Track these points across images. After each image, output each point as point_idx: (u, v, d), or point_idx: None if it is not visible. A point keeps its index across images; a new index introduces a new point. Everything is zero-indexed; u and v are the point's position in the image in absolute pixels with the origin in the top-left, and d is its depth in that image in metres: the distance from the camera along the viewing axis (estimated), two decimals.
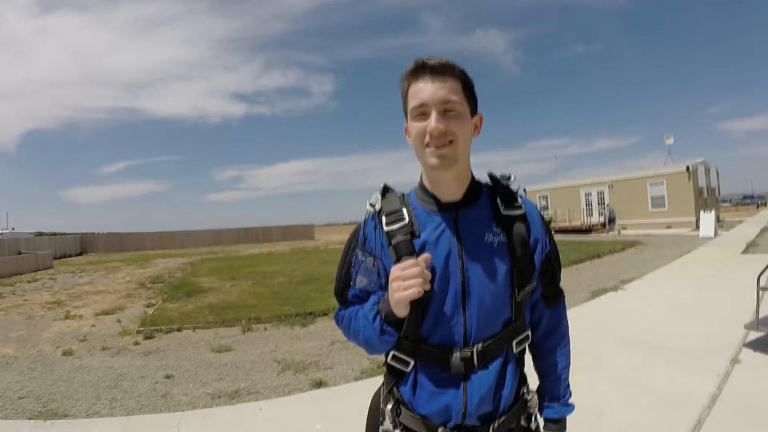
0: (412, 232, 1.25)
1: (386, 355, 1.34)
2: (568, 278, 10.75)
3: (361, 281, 1.33)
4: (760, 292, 5.10)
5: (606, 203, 31.96)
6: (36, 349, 7.02)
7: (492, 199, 1.31)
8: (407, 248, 1.22)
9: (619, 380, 4.34)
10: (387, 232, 1.27)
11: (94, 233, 47.09)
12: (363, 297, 1.36)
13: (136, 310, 10.20)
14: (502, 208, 1.28)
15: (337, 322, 1.45)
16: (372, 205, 1.34)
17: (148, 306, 10.62)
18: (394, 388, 1.33)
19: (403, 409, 1.31)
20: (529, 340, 1.35)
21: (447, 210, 1.28)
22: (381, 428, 1.34)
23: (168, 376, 5.37)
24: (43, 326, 8.78)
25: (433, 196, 1.30)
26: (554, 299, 1.41)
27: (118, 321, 8.91)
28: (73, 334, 8.01)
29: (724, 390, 4.02)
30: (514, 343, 1.28)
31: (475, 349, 1.22)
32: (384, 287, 1.27)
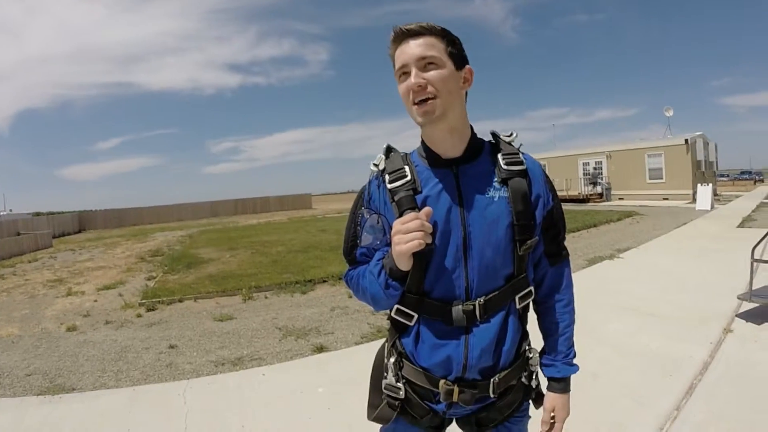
0: (414, 189, 1.27)
1: (390, 309, 1.36)
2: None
3: (366, 239, 1.34)
4: (754, 264, 5.13)
5: (592, 173, 31.94)
6: (40, 326, 7.09)
7: (493, 155, 1.32)
8: (409, 203, 1.25)
9: (613, 345, 4.41)
10: (390, 190, 1.30)
11: (92, 210, 46.94)
12: (370, 255, 1.38)
13: (137, 283, 10.26)
14: (503, 164, 1.29)
15: (347, 282, 1.46)
16: (376, 165, 1.37)
17: (148, 279, 10.68)
18: (397, 342, 1.37)
19: (405, 362, 1.34)
20: (533, 296, 1.36)
21: (448, 166, 1.29)
22: (384, 381, 1.38)
23: (172, 347, 5.44)
24: (46, 304, 8.84)
25: (433, 153, 1.31)
26: (557, 257, 1.41)
27: (120, 295, 8.97)
28: (76, 310, 8.07)
29: (716, 357, 4.09)
30: (516, 298, 1.30)
31: (477, 302, 1.24)
32: (389, 244, 1.28)
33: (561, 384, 1.42)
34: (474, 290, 1.25)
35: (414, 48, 1.19)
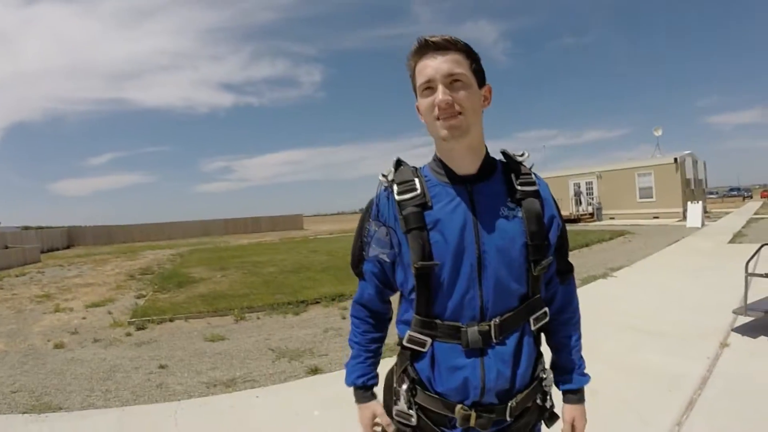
0: (423, 204, 1.25)
1: (401, 338, 1.33)
2: None
3: (374, 250, 1.33)
4: (748, 278, 5.16)
5: (576, 191, 32.32)
6: (27, 342, 6.91)
7: (506, 174, 1.31)
8: (417, 221, 1.23)
9: (611, 362, 4.37)
10: (398, 202, 1.28)
11: (81, 226, 46.60)
12: (378, 274, 1.39)
13: (126, 301, 10.08)
14: (516, 184, 1.28)
15: (351, 315, 1.51)
16: (385, 176, 1.35)
17: (138, 297, 10.50)
18: (409, 368, 1.32)
19: (419, 389, 1.30)
20: (547, 317, 1.34)
21: (462, 183, 1.28)
22: (395, 408, 1.35)
23: (162, 366, 5.32)
24: (33, 320, 8.64)
25: (447, 169, 1.30)
26: (567, 274, 1.43)
27: (109, 313, 8.79)
28: (64, 326, 7.89)
29: (714, 372, 4.09)
30: (531, 319, 1.28)
31: (492, 323, 1.22)
32: (397, 258, 1.30)
33: (577, 395, 1.44)
34: (489, 311, 1.23)
35: (441, 63, 1.19)
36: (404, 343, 1.31)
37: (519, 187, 1.28)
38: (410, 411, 1.31)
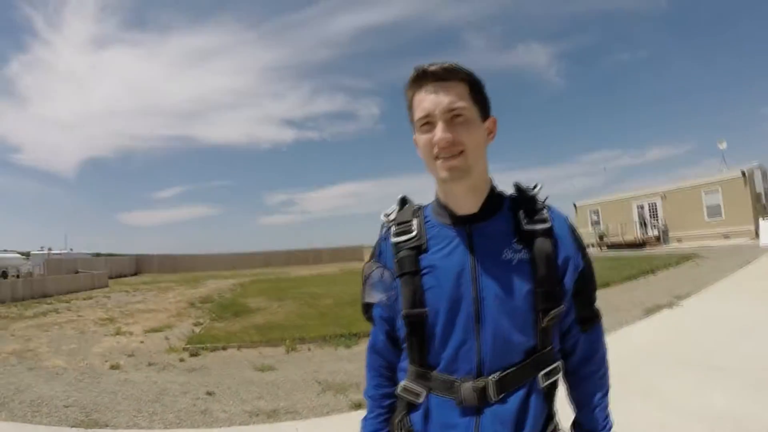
0: (418, 247, 1.20)
1: (397, 385, 1.29)
2: (620, 296, 10.39)
3: (373, 296, 1.28)
4: None
5: (639, 213, 30.78)
6: (85, 362, 7.36)
7: (515, 211, 1.21)
8: (411, 265, 1.18)
9: (672, 405, 4.06)
10: (394, 244, 1.24)
11: (148, 254, 49.13)
12: (388, 319, 1.31)
13: (184, 328, 10.53)
14: (524, 222, 1.18)
15: (366, 364, 1.44)
16: (386, 216, 1.31)
17: (195, 325, 10.96)
18: (405, 418, 1.25)
19: None
20: (560, 372, 1.22)
21: (462, 224, 1.20)
22: None
23: (209, 393, 5.49)
24: (94, 341, 9.22)
25: (447, 209, 1.23)
26: (590, 322, 1.29)
27: (166, 338, 9.23)
28: (122, 349, 8.35)
29: None
30: (540, 375, 1.15)
31: (490, 379, 1.11)
32: (395, 301, 1.22)
33: None
34: (487, 365, 1.12)
35: (441, 98, 1.11)
36: (398, 392, 1.25)
37: (527, 226, 1.18)
38: None
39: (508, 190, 1.29)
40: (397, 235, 1.25)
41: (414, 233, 1.22)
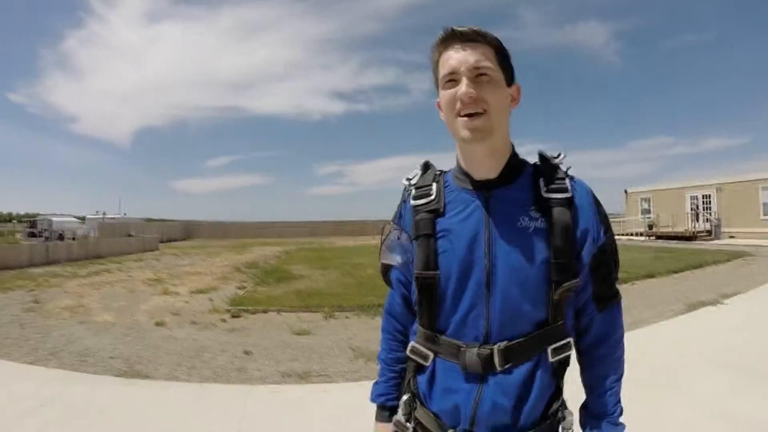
0: (436, 210, 1.21)
1: (406, 346, 1.30)
2: (664, 288, 10.15)
3: (395, 259, 1.28)
4: None
5: (700, 207, 29.42)
6: (132, 318, 7.80)
7: (536, 179, 1.19)
8: (427, 228, 1.19)
9: (701, 406, 3.92)
10: (413, 206, 1.25)
11: (199, 221, 50.95)
12: (405, 282, 1.32)
13: (228, 291, 10.93)
14: (543, 190, 1.16)
15: (382, 328, 1.45)
16: (408, 180, 1.32)
17: (239, 288, 11.36)
18: (412, 380, 1.27)
19: (418, 403, 1.25)
20: (572, 349, 1.19)
21: (480, 188, 1.19)
22: (394, 417, 1.31)
23: (246, 353, 5.72)
24: (142, 299, 9.74)
25: (467, 174, 1.23)
26: (608, 301, 1.25)
27: (210, 300, 9.64)
28: (168, 308, 8.79)
29: None
30: (549, 349, 1.14)
31: (496, 347, 1.11)
32: (410, 263, 1.24)
33: None
34: (494, 333, 1.12)
35: (468, 56, 1.10)
36: (407, 353, 1.27)
37: (546, 194, 1.16)
38: (407, 424, 1.26)
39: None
40: (416, 198, 1.25)
41: (432, 197, 1.23)
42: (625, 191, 36.45)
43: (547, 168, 1.21)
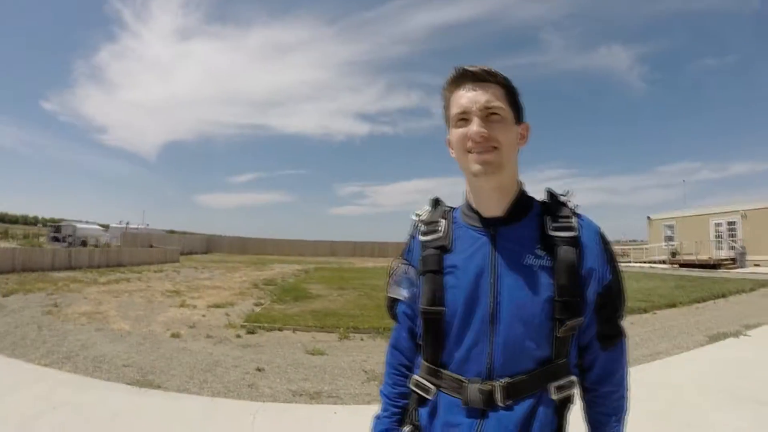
0: (443, 246, 1.23)
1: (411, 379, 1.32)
2: (685, 318, 9.93)
3: (402, 294, 1.31)
4: None
5: (725, 234, 28.70)
6: (149, 328, 7.87)
7: (542, 217, 1.22)
8: (434, 264, 1.21)
9: None
10: (422, 242, 1.27)
11: (220, 235, 51.50)
12: (411, 316, 1.33)
13: (245, 307, 10.98)
14: (549, 229, 1.19)
15: (386, 361, 1.44)
16: (418, 215, 1.35)
17: (256, 305, 11.40)
18: (414, 412, 1.27)
19: None
20: (575, 387, 1.20)
21: (487, 226, 1.22)
22: None
23: (259, 369, 5.71)
24: (159, 310, 9.83)
25: (475, 211, 1.25)
26: (612, 340, 1.25)
27: (227, 315, 9.68)
28: (184, 320, 8.85)
29: None
30: (552, 387, 1.14)
31: (498, 383, 1.12)
32: (417, 298, 1.25)
33: None
34: (496, 370, 1.13)
35: (479, 95, 1.14)
36: (410, 386, 1.28)
37: (552, 232, 1.18)
38: None
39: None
40: (425, 234, 1.28)
41: (441, 233, 1.25)
42: (648, 218, 36.00)
43: (554, 206, 1.23)
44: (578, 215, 1.23)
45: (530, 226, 1.20)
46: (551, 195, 1.27)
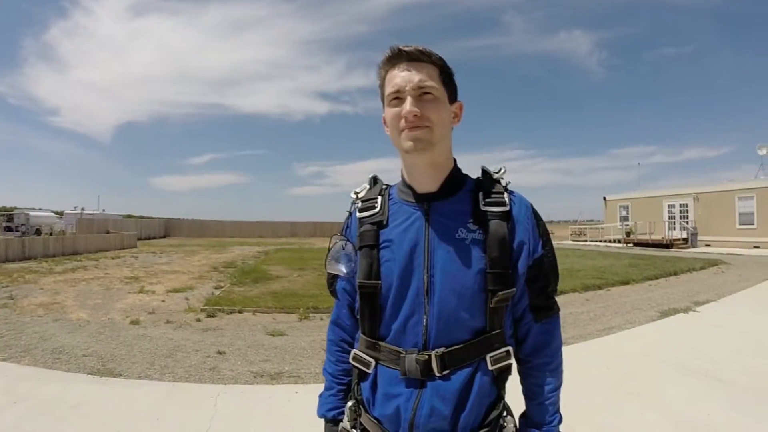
0: (380, 222, 1.27)
1: (349, 354, 1.35)
2: (638, 295, 10.41)
3: (341, 269, 1.31)
4: None
5: (678, 216, 30.11)
6: (107, 316, 7.83)
7: (476, 193, 1.26)
8: (370, 239, 1.26)
9: (668, 413, 4.03)
10: (359, 218, 1.32)
11: (178, 218, 50.54)
12: (351, 292, 1.37)
13: (204, 290, 10.98)
14: (482, 204, 1.23)
15: (327, 338, 1.49)
16: (356, 193, 1.39)
17: (216, 288, 11.40)
18: (356, 387, 1.32)
19: (362, 409, 1.29)
20: (512, 358, 1.24)
21: (421, 201, 1.26)
22: (340, 425, 1.35)
23: (220, 352, 5.81)
24: (118, 298, 9.74)
25: (410, 187, 1.29)
26: (544, 312, 1.30)
27: (186, 299, 9.68)
28: (143, 307, 8.81)
29: None
30: (488, 357, 1.19)
31: (434, 353, 1.15)
32: (354, 274, 1.29)
33: None
34: (432, 340, 1.17)
35: (413, 75, 1.17)
36: (350, 360, 1.32)
37: (484, 207, 1.22)
38: (353, 430, 1.31)
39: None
40: (362, 210, 1.32)
41: (377, 209, 1.30)
42: (604, 198, 37.01)
43: (488, 182, 1.28)
44: (510, 192, 1.28)
45: (463, 201, 1.25)
46: (485, 172, 1.32)
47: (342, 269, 1.31)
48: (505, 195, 1.26)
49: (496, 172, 1.31)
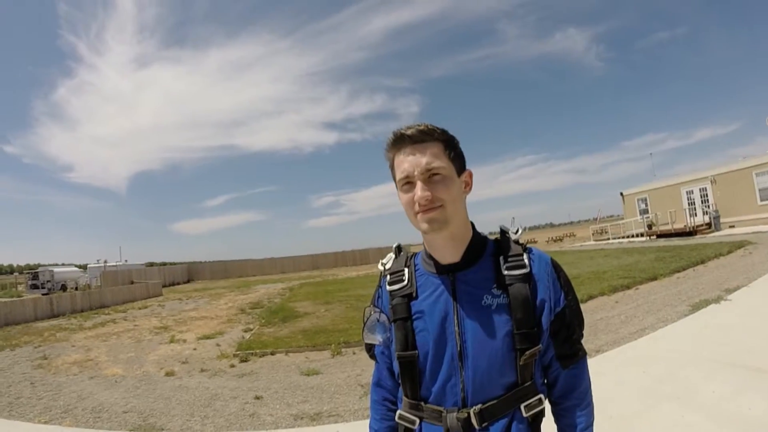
0: (410, 294, 1.35)
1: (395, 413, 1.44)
2: (667, 290, 10.20)
3: (377, 339, 1.40)
4: None
5: (697, 201, 29.59)
6: (142, 369, 7.88)
7: (497, 257, 1.34)
8: (403, 311, 1.34)
9: (709, 411, 3.90)
10: (389, 292, 1.40)
11: (200, 262, 51.20)
12: (388, 355, 1.45)
13: (234, 334, 11.02)
14: (503, 269, 1.30)
15: (370, 399, 1.58)
16: (383, 265, 1.47)
17: (245, 331, 11.43)
18: None
19: None
20: (543, 405, 1.32)
21: (445, 272, 1.33)
22: None
23: (257, 397, 5.81)
24: (149, 349, 9.81)
25: (433, 258, 1.37)
26: (571, 359, 1.38)
27: (218, 345, 9.72)
28: (176, 356, 8.87)
29: None
30: (522, 406, 1.28)
31: (472, 410, 1.24)
32: (391, 343, 1.38)
33: None
34: (470, 398, 1.26)
35: (418, 158, 1.23)
36: (396, 419, 1.40)
37: (506, 272, 1.30)
38: None
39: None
40: (392, 284, 1.40)
41: (405, 282, 1.37)
42: (621, 194, 36.64)
43: (506, 244, 1.36)
44: (529, 250, 1.36)
45: (485, 267, 1.32)
46: (503, 232, 1.40)
47: (378, 339, 1.40)
48: (524, 256, 1.32)
49: (515, 233, 1.38)
